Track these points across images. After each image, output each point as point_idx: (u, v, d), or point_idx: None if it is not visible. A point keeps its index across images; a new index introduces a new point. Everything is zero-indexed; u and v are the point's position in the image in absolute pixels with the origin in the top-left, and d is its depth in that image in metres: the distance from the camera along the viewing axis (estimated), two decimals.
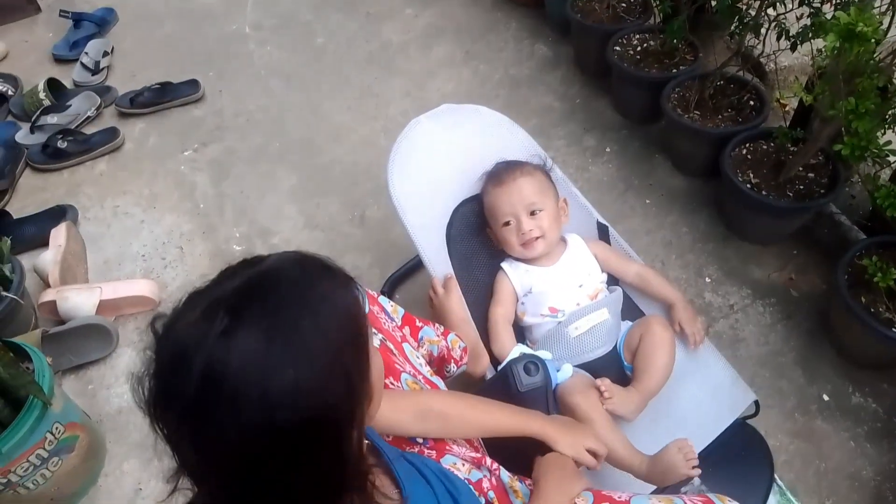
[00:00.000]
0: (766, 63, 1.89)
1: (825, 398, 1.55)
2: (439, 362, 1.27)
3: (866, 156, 1.41)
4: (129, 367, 1.74)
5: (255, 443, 0.56)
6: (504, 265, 1.48)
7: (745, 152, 1.84)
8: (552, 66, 2.50)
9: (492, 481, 1.01)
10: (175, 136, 2.42)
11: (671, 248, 1.87)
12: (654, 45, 2.16)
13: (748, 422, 1.34)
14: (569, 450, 1.08)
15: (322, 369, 0.58)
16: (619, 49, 2.18)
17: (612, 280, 1.50)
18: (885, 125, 1.40)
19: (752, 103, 1.95)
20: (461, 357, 1.30)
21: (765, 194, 1.72)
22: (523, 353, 1.28)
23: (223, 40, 2.82)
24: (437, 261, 1.45)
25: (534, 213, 1.41)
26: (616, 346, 1.39)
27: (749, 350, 1.64)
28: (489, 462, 1.05)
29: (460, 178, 1.53)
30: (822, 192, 1.70)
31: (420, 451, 1.01)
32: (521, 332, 1.46)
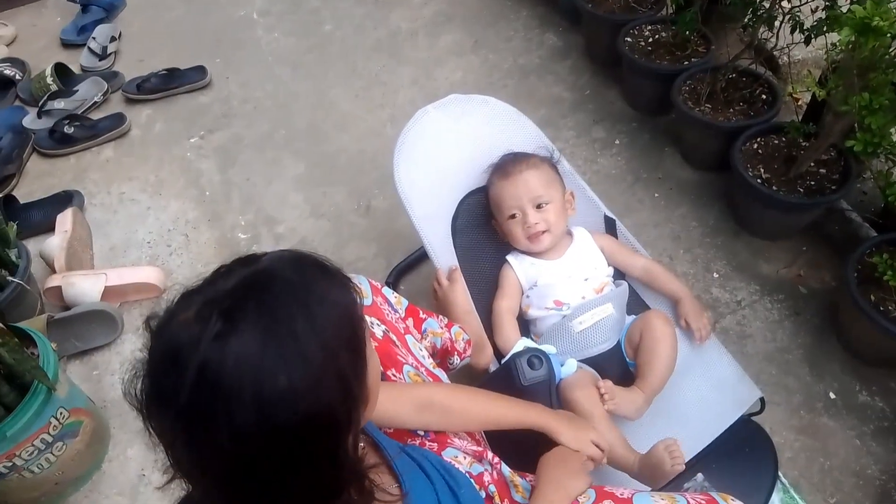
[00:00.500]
0: (780, 56, 1.87)
1: (832, 396, 1.53)
2: (443, 354, 1.26)
3: (879, 152, 1.39)
4: (134, 354, 1.75)
5: (250, 445, 0.56)
6: (510, 258, 1.47)
7: (756, 146, 1.82)
8: (562, 56, 2.48)
9: (493, 475, 1.01)
10: (181, 122, 2.41)
11: (679, 243, 1.86)
12: (665, 36, 2.13)
13: (753, 418, 1.34)
14: (573, 442, 1.06)
15: (317, 372, 0.58)
16: (630, 40, 2.15)
17: (619, 274, 1.49)
18: None
19: (764, 97, 1.93)
20: (465, 349, 1.29)
21: (775, 189, 1.70)
22: (527, 347, 1.27)
23: (231, 26, 2.80)
24: (441, 252, 1.44)
25: (540, 207, 1.40)
26: (620, 341, 1.38)
27: (756, 346, 1.63)
28: (491, 456, 1.04)
29: (467, 169, 1.52)
30: (833, 187, 1.68)
31: (421, 443, 1.01)
32: (526, 325, 1.45)
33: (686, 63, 2.05)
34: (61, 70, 2.49)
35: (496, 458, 1.05)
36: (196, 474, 0.60)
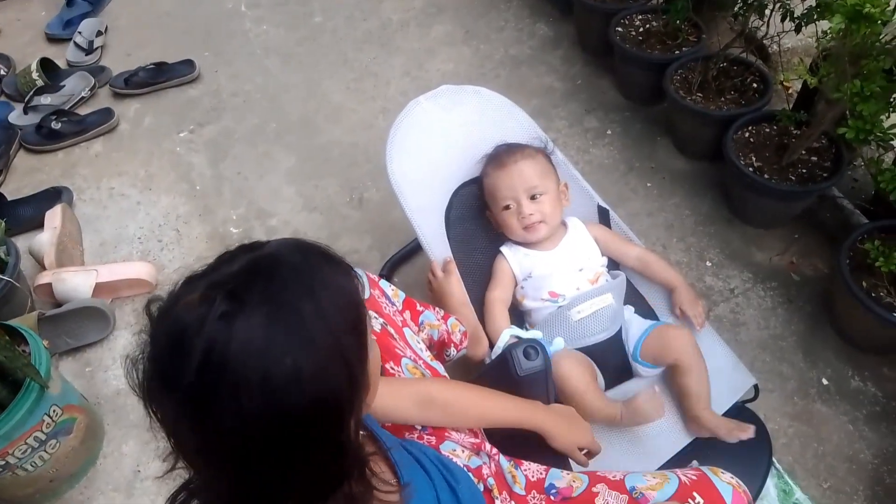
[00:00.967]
0: (770, 45, 1.87)
1: (825, 382, 1.55)
2: (439, 346, 1.26)
3: (870, 139, 1.40)
4: (127, 350, 1.73)
5: (255, 427, 0.55)
6: (503, 249, 1.47)
7: (747, 135, 1.82)
8: (553, 46, 2.47)
9: (491, 467, 1.01)
10: (171, 116, 2.39)
11: (672, 231, 1.86)
12: (656, 25, 2.13)
13: (747, 405, 1.35)
14: (565, 449, 1.09)
15: (323, 355, 0.57)
16: (621, 29, 2.14)
17: (613, 264, 1.49)
18: (890, 108, 1.39)
19: (755, 85, 1.93)
20: (461, 341, 1.29)
21: (767, 177, 1.71)
22: (522, 338, 1.27)
23: (219, 19, 2.77)
24: (435, 244, 1.44)
25: (534, 197, 1.40)
26: (619, 331, 1.37)
27: (749, 334, 1.64)
28: (489, 447, 1.05)
29: (460, 160, 1.52)
30: (825, 175, 1.69)
31: (419, 437, 1.01)
32: (521, 316, 1.45)
33: (677, 52, 2.04)
34: (47, 65, 2.46)
35: (494, 450, 1.05)
36: (199, 460, 0.59)
